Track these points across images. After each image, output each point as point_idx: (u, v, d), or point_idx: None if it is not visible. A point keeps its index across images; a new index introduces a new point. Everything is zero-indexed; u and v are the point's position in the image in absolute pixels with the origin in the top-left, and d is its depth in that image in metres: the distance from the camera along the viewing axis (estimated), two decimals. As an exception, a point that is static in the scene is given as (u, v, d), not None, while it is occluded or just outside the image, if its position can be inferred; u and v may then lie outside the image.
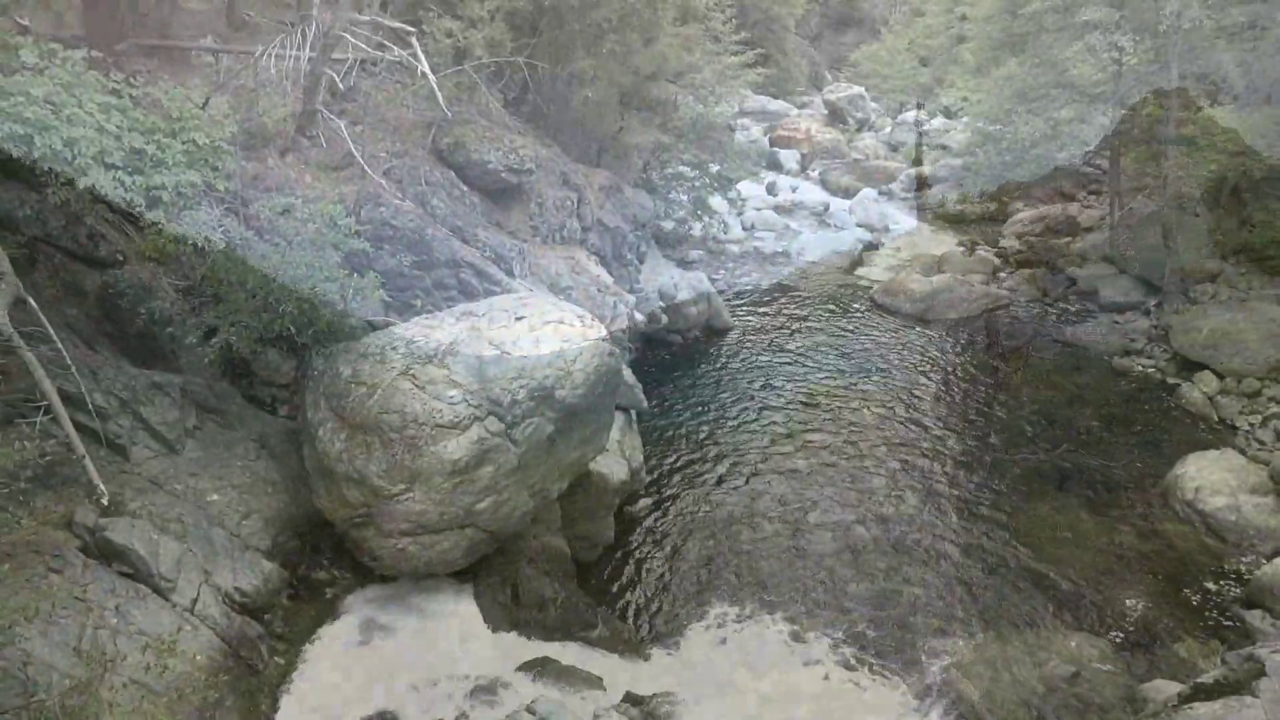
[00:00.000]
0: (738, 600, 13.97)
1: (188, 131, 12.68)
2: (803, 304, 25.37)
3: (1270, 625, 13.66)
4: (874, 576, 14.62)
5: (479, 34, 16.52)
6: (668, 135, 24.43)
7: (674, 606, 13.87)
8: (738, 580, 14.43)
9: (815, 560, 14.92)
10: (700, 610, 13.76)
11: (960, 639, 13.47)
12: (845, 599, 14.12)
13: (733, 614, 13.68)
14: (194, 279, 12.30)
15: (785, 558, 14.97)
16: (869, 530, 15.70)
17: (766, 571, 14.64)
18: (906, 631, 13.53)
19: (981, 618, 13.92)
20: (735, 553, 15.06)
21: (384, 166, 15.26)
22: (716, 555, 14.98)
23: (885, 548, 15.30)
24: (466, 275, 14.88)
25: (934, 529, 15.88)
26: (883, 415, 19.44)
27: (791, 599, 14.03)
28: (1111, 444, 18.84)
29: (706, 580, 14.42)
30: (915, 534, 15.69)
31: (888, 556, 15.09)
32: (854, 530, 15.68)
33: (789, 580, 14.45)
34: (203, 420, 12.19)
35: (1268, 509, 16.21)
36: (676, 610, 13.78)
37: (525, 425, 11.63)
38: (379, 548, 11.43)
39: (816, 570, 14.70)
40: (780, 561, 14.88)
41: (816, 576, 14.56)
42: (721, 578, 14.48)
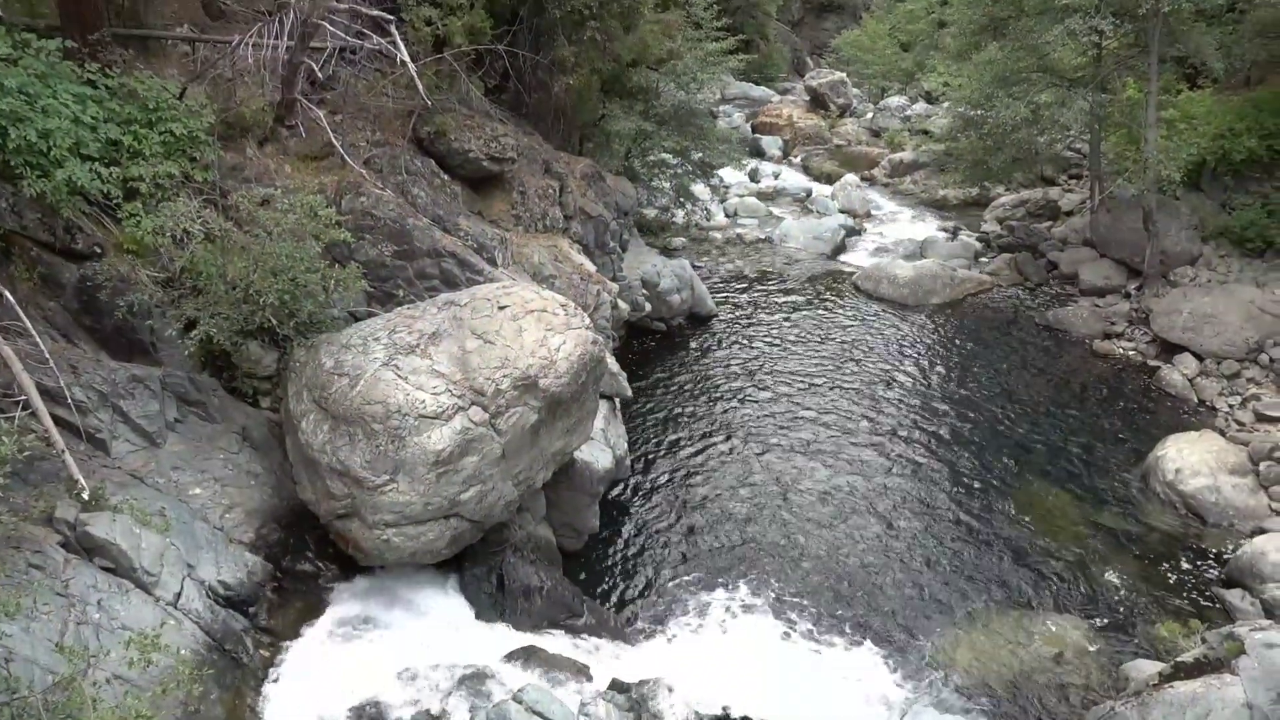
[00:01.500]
0: (724, 585, 14.03)
1: (165, 122, 12.60)
2: (786, 290, 25.40)
3: (1249, 604, 13.82)
4: (860, 560, 14.70)
5: (459, 21, 16.37)
6: (649, 123, 24.37)
7: (660, 593, 13.91)
8: (724, 566, 14.48)
9: (801, 545, 14.99)
10: (686, 596, 13.81)
11: (947, 621, 13.58)
12: (832, 583, 14.20)
13: (719, 599, 13.74)
14: (173, 271, 12.21)
15: (771, 543, 15.03)
16: (854, 515, 15.78)
17: (753, 557, 14.70)
18: (894, 614, 13.64)
19: (967, 600, 14.03)
20: (721, 539, 15.11)
21: (364, 156, 15.15)
22: (702, 541, 15.03)
23: (871, 532, 15.39)
24: (449, 265, 14.81)
25: (919, 513, 15.97)
26: (866, 401, 19.51)
27: (778, 584, 14.09)
28: (1093, 426, 18.99)
29: (692, 566, 14.47)
30: (899, 520, 15.78)
31: (871, 543, 15.18)
32: (840, 515, 15.76)
33: (775, 565, 14.52)
34: (184, 413, 12.10)
35: (1246, 489, 16.39)
36: (662, 597, 13.83)
37: (509, 414, 11.61)
38: (364, 539, 11.40)
39: (803, 555, 14.77)
40: (766, 547, 14.94)
41: (803, 562, 14.63)
42: (707, 563, 14.53)
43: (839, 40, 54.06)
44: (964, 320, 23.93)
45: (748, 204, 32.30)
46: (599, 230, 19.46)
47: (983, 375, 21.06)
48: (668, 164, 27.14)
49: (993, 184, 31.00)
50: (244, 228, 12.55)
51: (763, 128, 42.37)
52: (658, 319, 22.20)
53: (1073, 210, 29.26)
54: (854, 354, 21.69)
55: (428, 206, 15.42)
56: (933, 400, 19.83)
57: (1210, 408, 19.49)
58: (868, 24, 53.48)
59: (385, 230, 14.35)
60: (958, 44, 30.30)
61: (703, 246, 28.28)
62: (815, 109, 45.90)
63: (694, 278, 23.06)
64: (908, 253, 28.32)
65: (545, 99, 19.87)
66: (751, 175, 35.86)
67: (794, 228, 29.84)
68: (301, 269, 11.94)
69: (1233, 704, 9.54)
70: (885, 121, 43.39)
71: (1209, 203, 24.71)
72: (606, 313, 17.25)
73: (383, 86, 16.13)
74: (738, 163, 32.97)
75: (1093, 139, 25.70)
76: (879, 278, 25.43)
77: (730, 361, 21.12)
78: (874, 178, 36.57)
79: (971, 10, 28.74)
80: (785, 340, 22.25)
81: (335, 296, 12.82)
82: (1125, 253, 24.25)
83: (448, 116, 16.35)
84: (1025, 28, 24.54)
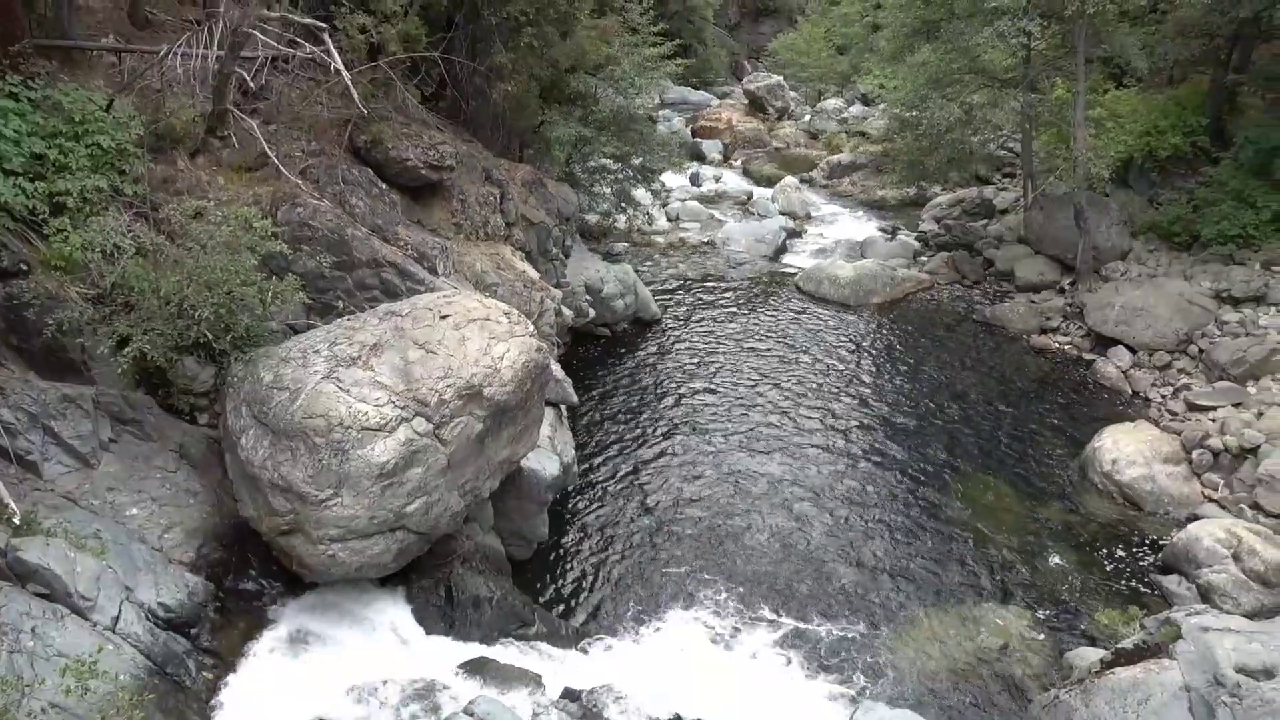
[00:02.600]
0: (674, 590, 14.05)
1: (92, 135, 12.28)
2: (729, 293, 25.54)
3: (1185, 589, 14.18)
4: (806, 560, 14.81)
5: (393, 29, 16.22)
6: (589, 128, 24.36)
7: (610, 599, 13.89)
8: (673, 569, 14.50)
9: (749, 547, 15.07)
10: (637, 602, 13.80)
11: (896, 616, 13.74)
12: (780, 584, 14.28)
13: (669, 604, 13.76)
14: (104, 287, 11.88)
15: (719, 546, 15.09)
16: (800, 515, 15.90)
17: (701, 560, 14.73)
18: (843, 612, 13.76)
19: (915, 595, 14.21)
20: (670, 543, 15.13)
21: (300, 166, 14.94)
22: (651, 546, 15.03)
23: (816, 532, 15.51)
24: (389, 275, 14.65)
25: (865, 510, 16.14)
26: (810, 401, 19.68)
27: (727, 586, 14.14)
28: (1032, 419, 19.37)
29: (642, 572, 14.46)
30: (846, 517, 15.93)
31: (819, 540, 15.30)
32: (785, 515, 15.87)
33: (724, 568, 14.57)
34: (119, 433, 11.80)
35: (1180, 477, 16.83)
36: (613, 603, 13.81)
37: (454, 424, 11.50)
38: (308, 555, 11.20)
39: (750, 556, 14.84)
40: (714, 550, 14.99)
41: (750, 562, 14.71)
42: (656, 569, 14.54)
43: (776, 44, 54.59)
44: (905, 319, 24.26)
45: (689, 208, 32.44)
46: (541, 237, 19.40)
47: (924, 372, 21.37)
48: (609, 169, 27.17)
49: (929, 184, 31.52)
50: (177, 241, 12.27)
51: (703, 132, 42.61)
52: (602, 324, 22.19)
53: (1007, 208, 29.83)
54: (797, 355, 21.87)
55: (366, 216, 15.24)
56: (875, 398, 20.07)
57: (1144, 398, 19.98)
58: (804, 28, 54.10)
59: (323, 241, 14.15)
60: (891, 47, 30.76)
61: (646, 251, 28.34)
62: (754, 112, 46.27)
63: (637, 282, 23.09)
64: (848, 253, 28.67)
65: (484, 106, 19.76)
66: (693, 179, 36.03)
67: (736, 231, 30.03)
68: (237, 282, 11.71)
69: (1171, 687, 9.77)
70: (823, 124, 43.89)
71: (1137, 199, 25.39)
72: (550, 319, 17.19)
73: (317, 95, 15.92)
74: (678, 167, 33.10)
75: (1024, 138, 26.24)
76: (820, 279, 25.68)
77: (675, 365, 21.17)
78: (813, 180, 36.97)
79: (904, 14, 29.21)
80: (729, 342, 22.37)
81: (273, 309, 12.60)
82: (1059, 249, 24.77)
83: (384, 125, 16.18)
84: (956, 30, 25.00)
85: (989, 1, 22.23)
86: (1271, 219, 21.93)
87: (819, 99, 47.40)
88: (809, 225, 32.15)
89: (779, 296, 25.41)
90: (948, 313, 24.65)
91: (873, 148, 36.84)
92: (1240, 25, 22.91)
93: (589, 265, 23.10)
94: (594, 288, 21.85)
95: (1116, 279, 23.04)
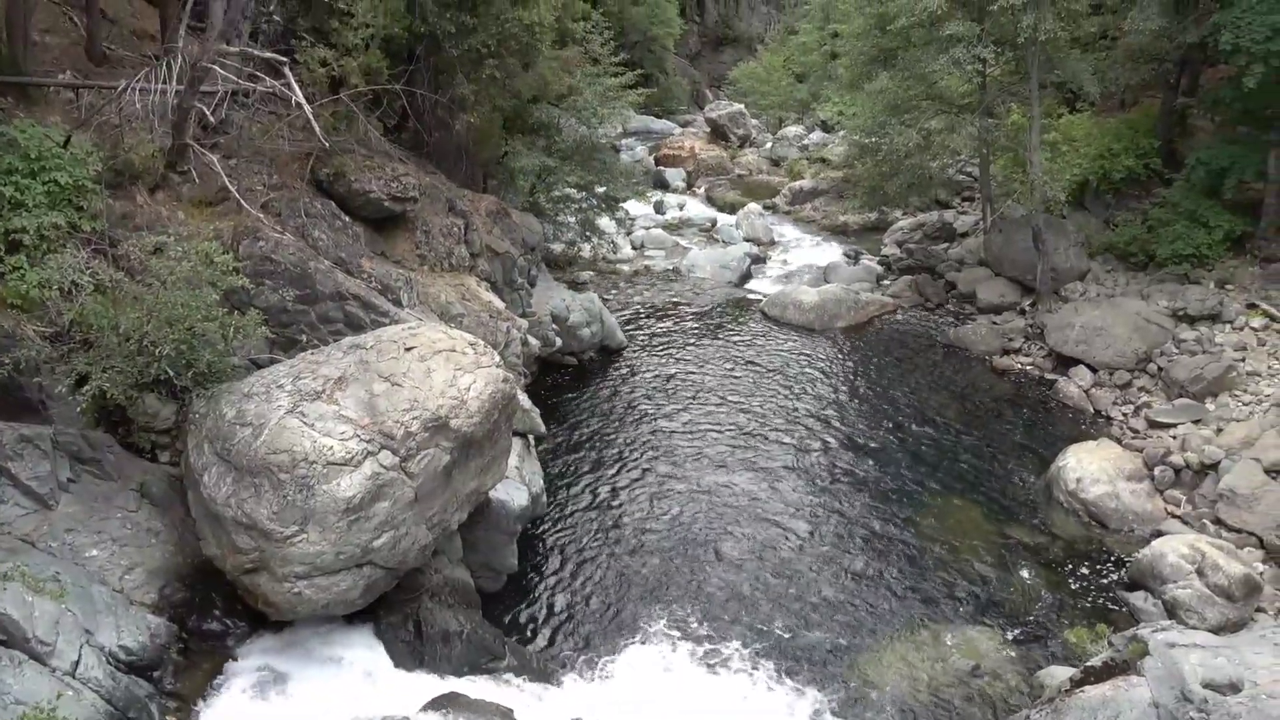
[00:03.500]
0: (646, 619, 13.97)
1: (49, 171, 12.15)
2: (695, 319, 25.63)
3: (1152, 605, 14.32)
4: (779, 586, 14.80)
5: (354, 62, 16.22)
6: (553, 158, 24.45)
7: (582, 630, 13.79)
8: (645, 599, 14.43)
9: (721, 574, 15.03)
10: (609, 632, 13.71)
11: (867, 640, 13.74)
12: (750, 609, 14.25)
13: (642, 633, 13.68)
14: (62, 325, 11.73)
15: (691, 574, 15.04)
16: (769, 540, 15.90)
17: (673, 589, 14.68)
18: (815, 638, 13.75)
19: (885, 618, 14.23)
20: (641, 572, 15.06)
21: (261, 200, 14.86)
22: (622, 576, 14.96)
23: (786, 556, 15.51)
24: (353, 307, 14.56)
25: (834, 535, 16.18)
26: (777, 426, 19.73)
27: (700, 615, 14.09)
28: (997, 439, 19.55)
29: (614, 601, 14.38)
30: (815, 541, 15.96)
31: (789, 565, 15.30)
32: (756, 542, 15.85)
33: (696, 596, 14.52)
34: (78, 472, 11.61)
35: (1144, 494, 17.04)
36: (585, 634, 13.71)
37: (420, 457, 11.42)
38: (273, 593, 11.05)
39: (722, 584, 14.81)
40: (686, 578, 14.94)
41: (723, 590, 14.67)
42: (629, 598, 14.46)
43: (736, 72, 55.12)
44: (869, 342, 24.44)
45: (654, 235, 32.57)
46: (506, 267, 19.39)
47: (889, 395, 21.51)
48: (573, 198, 27.24)
49: (890, 208, 31.85)
50: (136, 277, 12.14)
51: (666, 160, 42.86)
52: (569, 353, 22.15)
53: (967, 231, 30.21)
54: (764, 380, 21.95)
55: (329, 249, 15.17)
56: (842, 421, 20.17)
57: (1106, 417, 20.22)
58: (763, 56, 54.67)
59: (286, 274, 14.05)
60: (850, 74, 31.19)
61: (611, 279, 28.38)
62: (716, 140, 46.61)
63: (603, 310, 23.11)
64: (812, 278, 28.88)
65: (446, 137, 19.78)
66: (657, 207, 36.19)
67: (700, 257, 30.17)
68: (198, 317, 11.61)
69: (1140, 704, 9.81)
70: (784, 151, 44.29)
71: (1094, 220, 25.82)
72: (517, 349, 17.16)
73: (278, 129, 15.85)
74: (642, 195, 33.25)
75: (982, 163, 26.63)
76: (785, 304, 25.83)
77: (642, 392, 21.17)
78: (776, 206, 37.24)
79: (861, 42, 29.64)
80: (696, 368, 22.42)
81: (235, 344, 12.49)
82: (1018, 271, 25.10)
83: (347, 158, 16.15)
84: (913, 58, 25.38)
85: (944, 30, 22.59)
86: (1224, 238, 22.39)
87: (780, 126, 47.88)
88: (773, 251, 32.37)
89: (745, 322, 25.52)
90: (912, 335, 24.86)
91: (834, 174, 37.21)
92: (1187, 50, 23.48)
93: (555, 294, 23.10)
94: (560, 317, 21.84)
95: (1075, 299, 23.38)
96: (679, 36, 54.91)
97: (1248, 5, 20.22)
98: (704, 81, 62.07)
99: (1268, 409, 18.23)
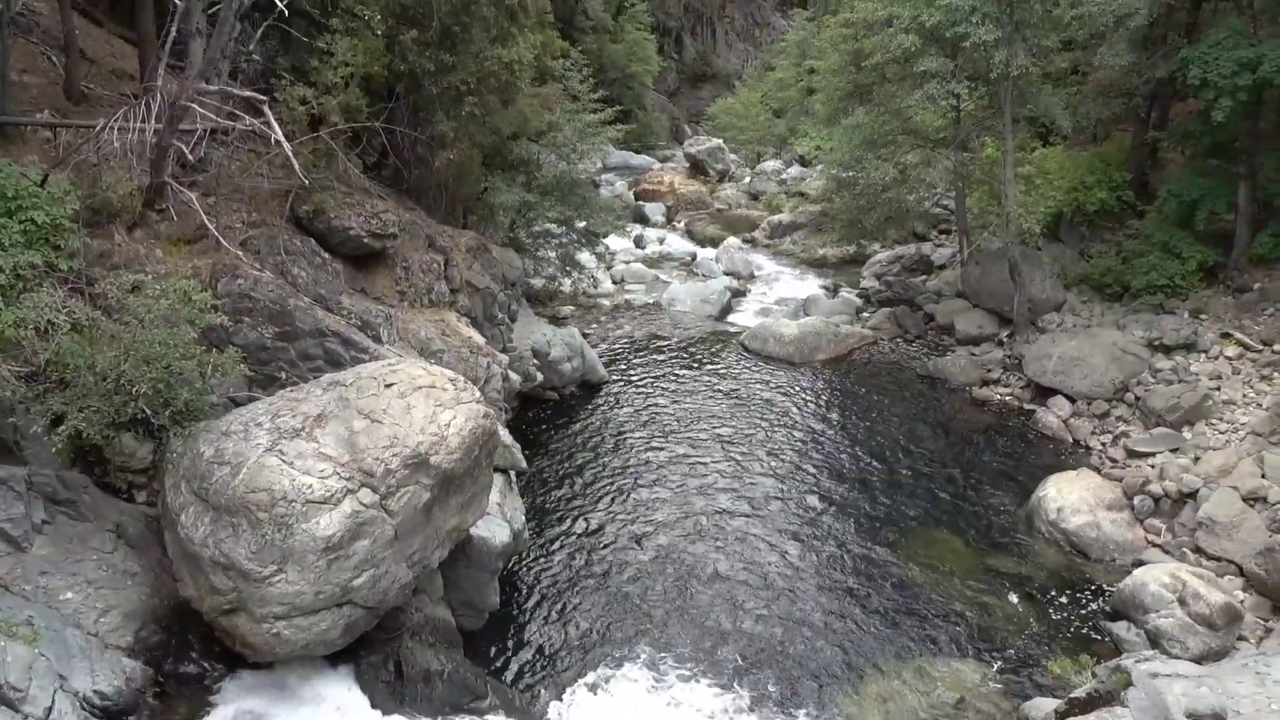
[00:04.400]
0: (629, 657, 13.86)
1: (25, 210, 12.08)
2: (676, 353, 25.66)
3: (1135, 635, 14.33)
4: (759, 619, 14.73)
5: (334, 100, 16.30)
6: (532, 194, 24.58)
7: (564, 668, 13.66)
8: (628, 636, 14.33)
9: (702, 610, 14.95)
10: (591, 669, 13.59)
11: (852, 675, 13.67)
12: (737, 647, 14.16)
13: (624, 671, 13.57)
14: (37, 364, 11.62)
15: (673, 610, 14.95)
16: (752, 576, 15.84)
17: (655, 625, 14.58)
18: (799, 674, 13.67)
19: (868, 651, 14.17)
20: (623, 609, 14.96)
21: (240, 237, 14.83)
22: (604, 612, 14.85)
23: (769, 592, 15.45)
24: (332, 344, 14.52)
25: (816, 567, 16.14)
26: (758, 459, 19.73)
27: (682, 651, 14.00)
28: (977, 470, 19.60)
29: (596, 639, 14.27)
30: (797, 574, 15.91)
31: (771, 599, 15.24)
32: (737, 577, 15.79)
33: (678, 632, 14.43)
34: (52, 513, 11.45)
35: (1124, 523, 17.10)
36: (567, 671, 13.58)
37: (400, 494, 11.35)
38: (251, 634, 10.91)
39: (704, 620, 14.72)
40: (668, 614, 14.85)
41: (705, 626, 14.58)
42: (611, 635, 14.35)
43: (714, 108, 55.67)
44: (849, 374, 24.54)
45: (634, 270, 32.69)
46: (486, 302, 19.40)
47: (871, 426, 21.57)
48: (553, 234, 27.36)
49: (868, 241, 32.12)
50: (114, 316, 12.07)
51: (645, 195, 43.14)
52: (550, 388, 22.13)
53: (945, 264, 30.48)
54: (745, 413, 21.97)
55: (309, 286, 15.14)
56: (823, 454, 20.19)
57: (1085, 446, 20.33)
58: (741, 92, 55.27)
59: (265, 312, 14.01)
60: (826, 110, 31.52)
61: (592, 314, 28.43)
62: (695, 175, 47.00)
63: (584, 345, 23.12)
64: (792, 311, 29.03)
65: (426, 173, 19.86)
66: (637, 241, 36.37)
67: (681, 291, 30.28)
68: (176, 355, 11.54)
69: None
70: (763, 185, 44.67)
71: (1069, 252, 26.12)
72: (498, 385, 17.12)
73: (258, 167, 15.87)
74: (622, 230, 33.43)
75: (958, 196, 26.92)
76: (765, 337, 25.93)
77: (624, 427, 21.14)
78: (755, 240, 37.50)
79: (837, 78, 29.98)
80: (677, 403, 22.42)
81: (213, 382, 12.40)
82: (995, 302, 25.31)
83: (326, 195, 16.17)
84: (888, 93, 25.72)
85: (918, 66, 22.92)
86: (1197, 268, 22.68)
87: (758, 161, 48.31)
88: (752, 284, 32.54)
89: (725, 355, 25.59)
90: (891, 367, 24.98)
91: (812, 207, 37.53)
92: (1157, 85, 23.93)
93: (535, 329, 23.12)
94: (541, 352, 21.84)
95: (1053, 330, 23.58)
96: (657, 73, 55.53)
97: (1214, 41, 20.66)
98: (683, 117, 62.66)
99: (1244, 437, 18.39)
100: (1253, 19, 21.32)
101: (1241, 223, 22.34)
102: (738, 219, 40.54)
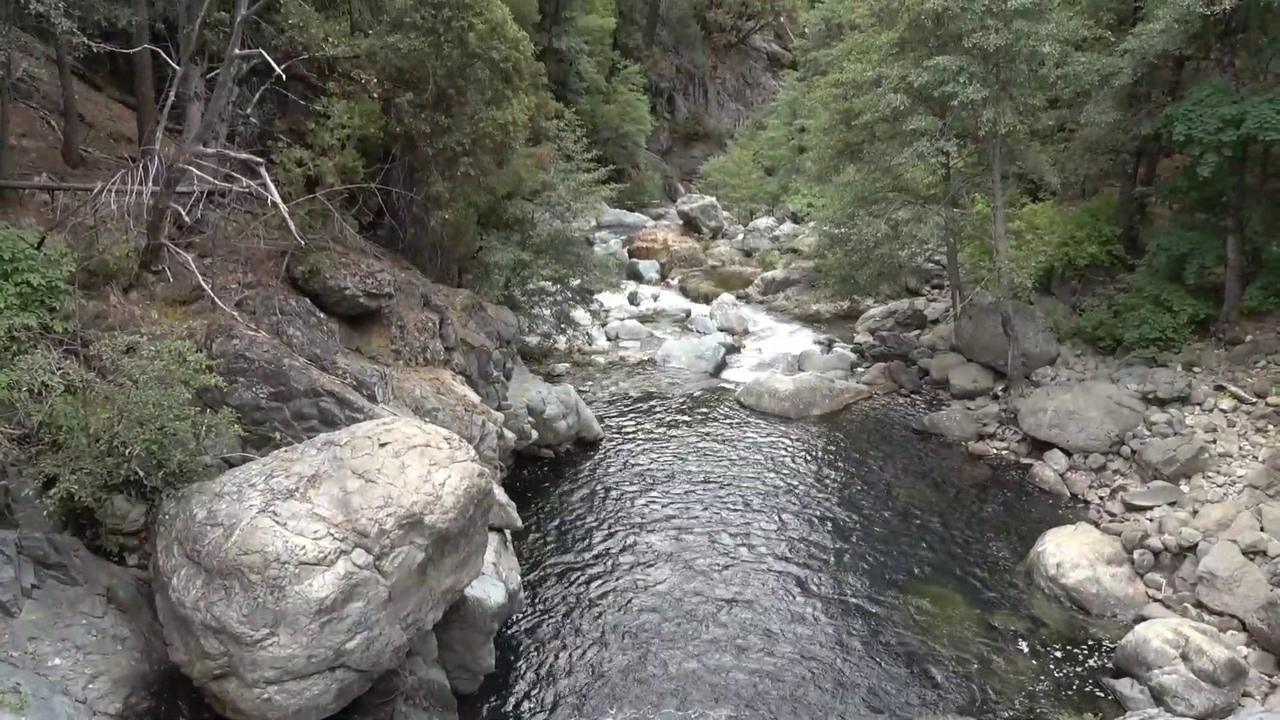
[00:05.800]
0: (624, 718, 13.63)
1: (21, 273, 12.15)
2: (671, 409, 25.63)
3: (1139, 692, 14.16)
4: (758, 680, 14.53)
5: (330, 161, 16.47)
6: (527, 252, 24.69)
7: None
8: (624, 698, 14.11)
9: (699, 669, 14.75)
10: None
11: (850, 736, 13.46)
12: (731, 705, 13.96)
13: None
14: (30, 427, 11.58)
15: (670, 670, 14.75)
16: (749, 633, 15.66)
17: (651, 686, 14.38)
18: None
19: (869, 710, 13.96)
20: (619, 669, 14.76)
21: (236, 298, 14.88)
22: (601, 673, 14.65)
23: (766, 651, 15.27)
24: (327, 404, 14.48)
25: (815, 627, 15.97)
26: (755, 516, 19.62)
27: (678, 712, 13.77)
28: (975, 525, 19.50)
29: (594, 701, 14.06)
30: (796, 633, 15.74)
31: (769, 660, 15.05)
32: (734, 636, 15.61)
33: (674, 693, 14.23)
34: (42, 578, 11.31)
35: (1124, 578, 16.98)
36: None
37: (394, 555, 11.24)
38: (242, 700, 10.72)
39: (701, 679, 14.53)
40: (666, 675, 14.65)
41: (701, 686, 14.38)
42: (607, 696, 14.15)
43: (707, 166, 56.18)
44: (845, 429, 24.50)
45: (629, 327, 32.76)
46: (481, 360, 19.40)
47: (867, 481, 21.49)
48: (547, 291, 27.44)
49: (862, 297, 32.27)
50: (108, 377, 12.05)
51: (639, 252, 43.38)
52: (545, 446, 22.06)
53: (938, 318, 30.62)
54: (741, 469, 21.89)
55: (304, 346, 15.15)
56: (820, 510, 20.08)
57: (1083, 500, 20.25)
58: (733, 151, 55.85)
59: (260, 372, 14.00)
60: (818, 167, 31.86)
61: (586, 371, 28.43)
62: (689, 232, 47.30)
63: (579, 402, 23.09)
64: (786, 367, 29.05)
65: (421, 233, 19.98)
66: (631, 299, 36.50)
67: (675, 348, 30.33)
68: (170, 417, 11.49)
69: (1133, 796, 9.65)
70: (756, 242, 44.96)
71: (1061, 306, 26.29)
72: (493, 443, 17.04)
73: (254, 228, 15.97)
74: (616, 287, 33.52)
75: (950, 251, 27.12)
76: (760, 392, 25.93)
77: (619, 485, 21.03)
78: (749, 296, 37.66)
79: (828, 137, 30.34)
80: (673, 459, 22.34)
81: (207, 443, 12.35)
82: (989, 356, 25.39)
83: (322, 255, 16.25)
84: (879, 151, 26.03)
85: (907, 124, 23.23)
86: (1189, 321, 22.83)
87: (751, 218, 48.67)
88: (747, 340, 32.61)
89: (721, 411, 25.56)
90: (887, 422, 24.96)
91: (805, 263, 37.73)
92: (1143, 141, 24.28)
93: (530, 387, 23.10)
94: (536, 409, 21.80)
95: (1047, 384, 23.62)
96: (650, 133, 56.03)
97: (1198, 98, 21.01)
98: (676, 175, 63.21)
99: (1241, 490, 18.35)
100: (1235, 77, 21.71)
101: (1231, 276, 22.53)
102: (731, 275, 40.75)
